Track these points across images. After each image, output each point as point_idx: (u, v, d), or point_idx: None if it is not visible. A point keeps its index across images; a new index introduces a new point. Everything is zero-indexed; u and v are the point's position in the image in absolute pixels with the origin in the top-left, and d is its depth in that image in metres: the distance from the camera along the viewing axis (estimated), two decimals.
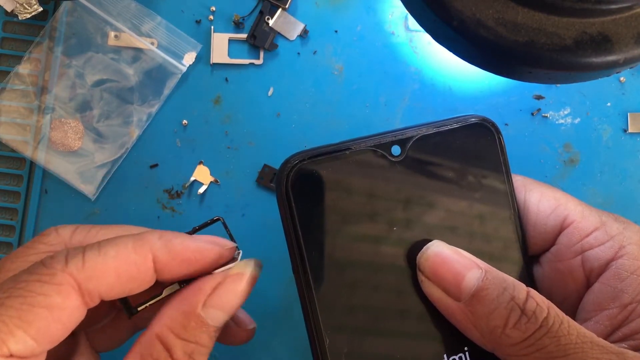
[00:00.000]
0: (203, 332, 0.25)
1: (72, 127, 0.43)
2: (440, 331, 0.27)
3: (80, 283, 0.24)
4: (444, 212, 0.28)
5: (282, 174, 0.27)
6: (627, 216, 0.43)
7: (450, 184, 0.28)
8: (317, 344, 0.26)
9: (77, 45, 0.43)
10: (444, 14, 0.24)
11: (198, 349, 0.25)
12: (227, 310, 0.26)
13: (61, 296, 0.23)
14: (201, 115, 0.43)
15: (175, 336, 0.25)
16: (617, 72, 0.25)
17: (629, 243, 0.27)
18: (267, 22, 0.43)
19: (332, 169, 0.27)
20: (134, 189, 0.43)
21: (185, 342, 0.25)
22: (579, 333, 0.24)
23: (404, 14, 0.44)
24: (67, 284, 0.23)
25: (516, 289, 0.25)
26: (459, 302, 0.25)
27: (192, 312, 0.25)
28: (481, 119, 0.29)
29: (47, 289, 0.23)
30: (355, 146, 0.27)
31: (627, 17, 0.23)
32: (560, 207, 0.28)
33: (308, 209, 0.27)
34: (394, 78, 0.44)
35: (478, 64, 0.27)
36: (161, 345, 0.25)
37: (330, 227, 0.27)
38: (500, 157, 0.29)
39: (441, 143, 0.28)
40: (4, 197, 0.43)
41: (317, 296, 0.26)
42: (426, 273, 0.27)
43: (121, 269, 0.25)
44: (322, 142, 0.44)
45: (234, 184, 0.43)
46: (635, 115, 0.44)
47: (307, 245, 0.27)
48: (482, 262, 0.26)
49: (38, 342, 0.23)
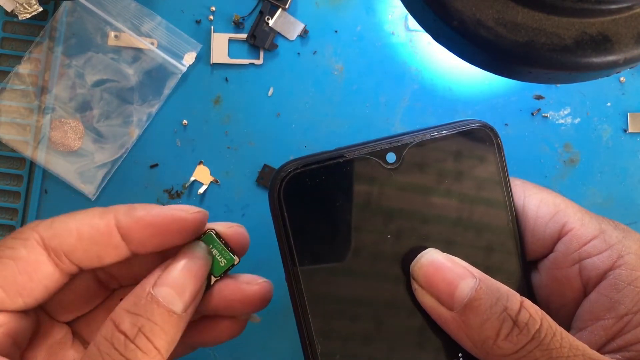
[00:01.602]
0: (154, 309, 0.25)
1: (72, 127, 0.43)
2: (434, 338, 0.27)
3: (44, 239, 0.26)
4: (440, 220, 0.28)
5: (275, 183, 0.26)
6: (627, 216, 0.43)
7: (447, 191, 0.28)
8: (309, 350, 0.27)
9: (77, 45, 0.43)
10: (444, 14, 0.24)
11: (150, 325, 0.24)
12: (180, 292, 0.26)
13: (26, 249, 0.25)
14: (201, 115, 0.43)
15: (126, 312, 0.25)
16: (617, 72, 0.25)
17: (627, 253, 0.26)
18: (267, 22, 0.43)
19: (325, 178, 0.27)
20: (134, 189, 0.43)
21: (134, 316, 0.24)
22: (571, 345, 0.24)
23: (404, 14, 0.44)
24: (32, 239, 0.26)
25: (509, 300, 0.25)
26: (451, 311, 0.25)
27: (143, 290, 0.25)
28: (479, 124, 0.28)
29: (15, 243, 0.26)
30: (349, 154, 0.27)
31: (627, 17, 0.23)
32: (559, 214, 0.28)
33: (300, 218, 0.27)
34: (394, 78, 0.44)
35: (478, 64, 0.27)
36: (112, 323, 0.25)
37: (323, 236, 0.27)
38: (498, 163, 0.28)
39: (438, 149, 0.28)
40: (4, 197, 0.43)
41: (309, 303, 0.26)
42: (419, 281, 0.26)
43: (83, 230, 0.26)
44: (322, 142, 0.44)
45: (234, 184, 0.43)
46: (635, 115, 0.44)
47: (299, 253, 0.26)
48: (476, 271, 0.26)
49: (5, 290, 0.25)
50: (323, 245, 0.27)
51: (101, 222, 0.27)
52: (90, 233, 0.26)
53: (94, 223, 0.27)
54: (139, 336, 0.24)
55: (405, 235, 0.27)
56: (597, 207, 0.43)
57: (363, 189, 0.27)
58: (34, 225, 0.26)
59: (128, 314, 0.25)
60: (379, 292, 0.27)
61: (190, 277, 0.26)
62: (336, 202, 0.27)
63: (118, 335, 0.24)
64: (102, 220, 0.27)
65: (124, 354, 0.24)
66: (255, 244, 0.43)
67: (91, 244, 0.26)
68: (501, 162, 0.28)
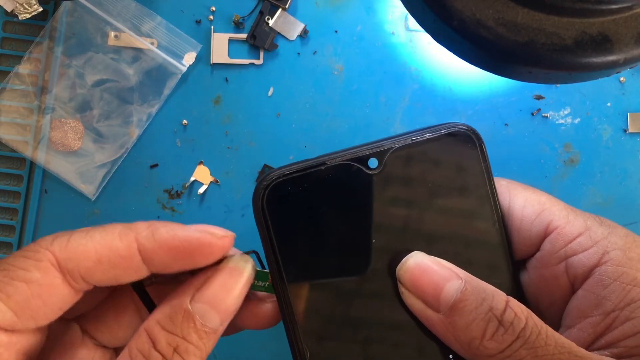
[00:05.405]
0: (191, 329, 0.24)
1: (72, 127, 0.43)
2: (424, 340, 0.27)
3: (60, 261, 0.24)
4: (426, 223, 0.28)
5: (258, 192, 0.27)
6: (627, 216, 0.43)
7: (430, 194, 0.28)
8: (297, 356, 0.27)
9: (77, 45, 0.43)
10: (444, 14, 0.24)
11: (185, 345, 0.24)
12: (219, 309, 0.25)
13: (40, 272, 0.24)
14: (201, 115, 0.43)
15: (161, 328, 0.24)
16: (617, 72, 0.25)
17: (613, 249, 0.26)
18: (267, 22, 0.43)
19: (308, 185, 0.27)
20: (134, 189, 0.43)
21: (171, 335, 0.24)
22: (557, 343, 0.24)
23: (404, 14, 0.44)
24: (47, 260, 0.24)
25: (495, 300, 0.25)
26: (438, 313, 0.25)
27: (179, 305, 0.25)
28: (462, 127, 0.28)
29: (27, 264, 0.24)
30: (330, 161, 0.27)
31: (627, 17, 0.23)
32: (544, 212, 0.28)
33: (285, 226, 0.27)
34: (394, 78, 0.44)
35: (478, 64, 0.27)
36: (147, 337, 0.24)
37: (308, 243, 0.27)
38: (481, 165, 0.28)
39: (420, 153, 0.28)
40: (4, 197, 0.43)
41: (296, 309, 0.27)
42: (406, 284, 0.26)
43: (102, 253, 0.24)
44: (322, 142, 0.44)
45: (234, 184, 0.43)
46: (635, 115, 0.44)
47: (284, 261, 0.27)
48: (462, 272, 0.26)
49: (18, 315, 0.23)
50: (308, 252, 0.27)
51: (121, 244, 0.25)
52: (109, 256, 0.25)
53: (114, 245, 0.25)
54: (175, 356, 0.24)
55: (390, 239, 0.27)
56: (597, 207, 0.43)
57: (346, 195, 0.27)
58: (47, 244, 0.24)
59: (163, 331, 0.24)
60: (366, 296, 0.27)
61: (231, 294, 0.25)
62: (320, 209, 0.27)
63: (155, 354, 0.24)
64: (122, 242, 0.25)
65: None
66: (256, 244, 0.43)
67: (110, 267, 0.25)
68: (484, 162, 0.28)
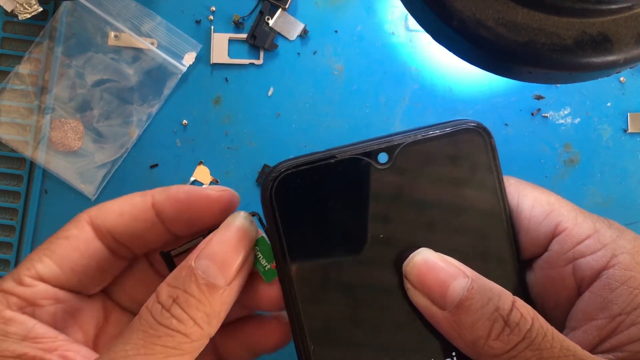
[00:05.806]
0: (192, 282, 0.25)
1: (72, 127, 0.43)
2: (427, 337, 0.27)
3: (92, 218, 0.29)
4: (433, 219, 0.27)
5: (267, 184, 0.27)
6: (627, 216, 0.43)
7: (439, 191, 0.27)
8: (302, 352, 0.27)
9: (77, 45, 0.43)
10: (444, 14, 0.24)
11: (185, 297, 0.25)
12: (218, 262, 0.26)
13: (77, 229, 0.29)
14: (201, 115, 0.43)
15: (166, 284, 0.26)
16: (617, 72, 0.25)
17: (621, 252, 0.26)
18: (267, 22, 0.43)
19: (317, 178, 0.27)
20: (134, 189, 0.43)
21: (172, 287, 0.25)
22: (562, 346, 0.24)
23: (404, 14, 0.44)
24: (83, 220, 0.29)
25: (501, 299, 0.25)
26: (444, 311, 0.25)
27: (184, 263, 0.26)
28: (472, 123, 0.28)
29: (69, 225, 0.29)
30: (340, 154, 0.27)
31: (627, 17, 0.23)
32: (553, 213, 0.28)
33: (292, 219, 0.27)
34: (394, 78, 0.44)
35: (478, 64, 0.27)
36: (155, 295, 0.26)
37: (315, 236, 0.27)
38: (492, 163, 0.28)
39: (430, 150, 0.27)
40: (4, 197, 0.43)
41: (302, 304, 0.26)
42: (412, 281, 0.26)
43: (124, 207, 0.29)
44: (322, 142, 0.44)
45: (234, 184, 0.43)
46: (635, 115, 0.44)
47: (291, 253, 0.26)
48: (469, 270, 0.26)
49: (61, 267, 0.28)
50: (315, 245, 0.27)
51: (139, 200, 0.29)
52: (129, 210, 0.29)
53: (134, 201, 0.29)
54: (173, 306, 0.25)
55: (397, 234, 0.27)
56: (597, 207, 0.43)
57: (355, 189, 0.27)
58: (87, 210, 0.30)
59: (168, 286, 0.25)
60: (371, 291, 0.27)
61: (230, 248, 0.26)
62: (328, 202, 0.27)
63: (157, 305, 0.25)
64: (140, 198, 0.29)
65: (159, 321, 0.25)
66: None
67: (131, 220, 0.29)
68: (494, 160, 0.28)
